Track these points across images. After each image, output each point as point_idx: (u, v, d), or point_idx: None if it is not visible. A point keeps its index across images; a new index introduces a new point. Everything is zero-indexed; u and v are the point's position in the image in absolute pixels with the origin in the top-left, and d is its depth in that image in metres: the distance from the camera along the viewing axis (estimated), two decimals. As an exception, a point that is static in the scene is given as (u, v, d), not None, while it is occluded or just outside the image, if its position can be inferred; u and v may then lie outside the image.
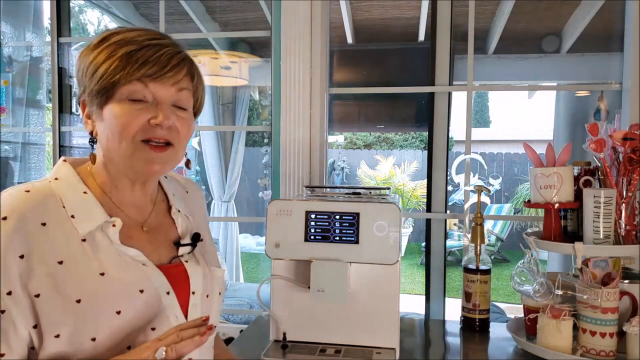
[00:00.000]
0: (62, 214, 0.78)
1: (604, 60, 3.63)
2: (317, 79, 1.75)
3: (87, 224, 0.79)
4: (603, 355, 1.18)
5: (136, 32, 0.82)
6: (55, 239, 0.76)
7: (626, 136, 1.26)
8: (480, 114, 15.41)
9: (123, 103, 0.80)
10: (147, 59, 0.79)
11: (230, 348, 1.38)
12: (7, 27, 2.53)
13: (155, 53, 0.80)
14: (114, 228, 0.80)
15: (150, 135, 0.81)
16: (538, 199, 1.33)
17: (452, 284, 5.10)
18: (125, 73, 0.78)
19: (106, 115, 0.80)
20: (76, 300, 0.74)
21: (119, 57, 0.79)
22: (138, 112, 0.80)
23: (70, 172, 0.84)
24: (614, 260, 1.22)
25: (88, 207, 0.81)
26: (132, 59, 0.79)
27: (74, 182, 0.82)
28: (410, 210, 8.10)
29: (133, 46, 0.79)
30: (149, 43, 0.80)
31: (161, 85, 0.81)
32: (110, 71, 0.78)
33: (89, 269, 0.76)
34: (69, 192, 0.81)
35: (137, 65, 0.79)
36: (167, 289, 0.82)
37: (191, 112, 0.88)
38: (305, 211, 1.22)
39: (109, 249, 0.79)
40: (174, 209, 0.94)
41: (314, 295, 1.21)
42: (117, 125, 0.79)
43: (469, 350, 1.41)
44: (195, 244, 0.92)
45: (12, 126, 2.54)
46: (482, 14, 3.52)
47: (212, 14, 3.76)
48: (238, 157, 5.16)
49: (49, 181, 0.82)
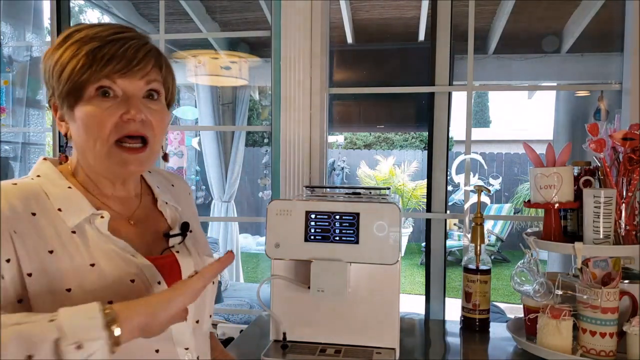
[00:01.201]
0: (49, 207, 0.78)
1: (604, 60, 3.64)
2: (317, 79, 1.75)
3: (75, 216, 0.79)
4: (603, 355, 1.18)
5: (99, 28, 0.81)
6: (44, 229, 0.76)
7: (626, 136, 1.25)
8: (480, 114, 15.41)
9: (93, 101, 0.79)
10: (113, 55, 0.78)
11: (230, 348, 1.38)
12: (7, 27, 2.53)
13: (121, 48, 0.79)
14: (102, 220, 0.80)
15: (124, 132, 0.80)
16: (538, 199, 1.33)
17: (452, 284, 5.10)
18: (92, 71, 0.77)
19: (78, 115, 0.80)
20: (66, 289, 0.74)
21: (84, 55, 0.78)
22: (109, 110, 0.79)
23: (51, 170, 0.84)
24: (614, 260, 1.22)
25: (74, 200, 0.81)
26: (98, 56, 0.78)
27: (57, 179, 0.83)
28: (410, 210, 8.09)
29: (97, 42, 0.78)
30: (112, 38, 0.79)
31: (130, 80, 0.80)
32: (77, 71, 0.77)
33: (79, 260, 0.76)
34: (53, 187, 0.81)
35: (103, 62, 0.78)
36: (158, 279, 0.82)
37: (163, 103, 0.87)
38: (305, 211, 1.22)
39: (98, 240, 0.79)
40: (160, 201, 0.94)
41: (314, 295, 1.21)
42: (89, 125, 0.79)
43: (469, 350, 1.41)
44: (185, 234, 0.92)
45: (12, 126, 2.55)
46: (482, 14, 3.52)
47: (212, 14, 3.76)
48: (238, 157, 5.16)
49: (32, 178, 0.82)
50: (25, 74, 2.59)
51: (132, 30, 0.84)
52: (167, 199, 0.95)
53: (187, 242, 0.92)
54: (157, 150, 0.85)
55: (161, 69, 0.85)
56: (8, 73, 2.52)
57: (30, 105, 2.62)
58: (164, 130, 0.86)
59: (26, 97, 2.60)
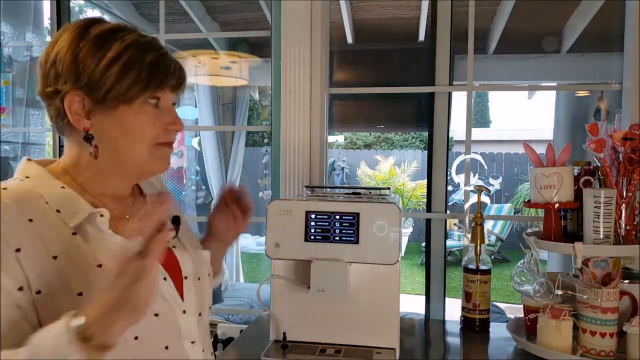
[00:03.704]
0: (46, 209, 0.76)
1: (604, 60, 3.63)
2: (317, 79, 1.75)
3: (75, 216, 0.77)
4: (603, 355, 1.18)
5: (139, 35, 0.82)
6: (44, 235, 0.73)
7: (626, 136, 1.25)
8: (480, 114, 15.41)
9: (144, 108, 0.80)
10: (168, 70, 0.82)
11: (230, 348, 1.38)
12: (7, 27, 2.53)
13: (170, 63, 0.82)
14: (102, 218, 0.79)
15: (166, 140, 0.84)
16: (538, 199, 1.33)
17: (452, 284, 5.09)
18: (156, 84, 0.80)
19: (121, 117, 0.79)
20: (78, 293, 0.73)
21: (148, 65, 0.79)
22: (154, 118, 0.82)
23: (40, 170, 0.81)
24: (614, 260, 1.22)
25: (70, 200, 0.78)
26: (160, 68, 0.80)
27: (48, 179, 0.79)
28: (410, 210, 8.10)
29: (154, 54, 0.80)
30: (164, 52, 0.82)
31: (174, 93, 0.85)
32: (144, 78, 0.78)
33: (85, 262, 0.75)
34: (46, 188, 0.78)
35: (161, 76, 0.81)
36: (164, 275, 0.83)
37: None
38: (305, 211, 1.22)
39: (100, 239, 0.78)
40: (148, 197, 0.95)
41: (314, 295, 1.21)
42: (136, 130, 0.80)
43: (469, 350, 1.41)
44: (178, 227, 0.93)
45: (12, 126, 2.54)
46: (482, 14, 3.52)
47: (212, 14, 3.75)
48: (238, 157, 5.15)
49: (20, 180, 0.78)
50: (25, 74, 2.58)
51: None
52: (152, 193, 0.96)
53: (180, 236, 0.93)
54: None
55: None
56: (8, 73, 2.52)
57: (30, 105, 2.61)
58: None
59: (26, 97, 2.60)
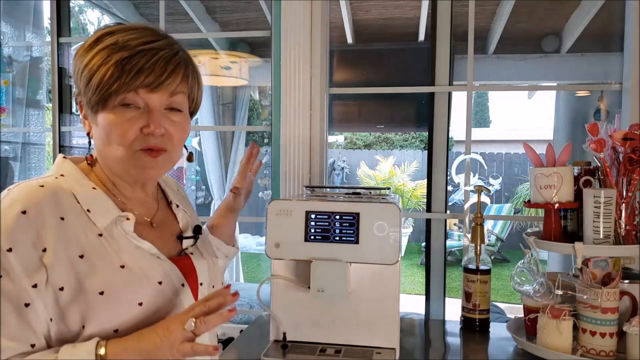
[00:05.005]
0: (77, 208, 0.77)
1: (604, 60, 3.63)
2: (317, 79, 1.75)
3: (104, 217, 0.79)
4: (603, 355, 1.18)
5: (131, 34, 0.79)
6: (74, 233, 0.75)
7: (626, 136, 1.25)
8: (480, 114, 15.42)
9: (115, 111, 0.78)
10: (142, 67, 0.77)
11: (230, 348, 1.38)
12: (7, 27, 2.53)
13: (150, 60, 0.77)
14: (128, 221, 0.81)
15: (145, 145, 0.80)
16: (538, 199, 1.33)
17: (452, 284, 5.10)
18: (120, 84, 0.76)
19: (100, 122, 0.80)
20: (99, 292, 0.74)
21: (113, 64, 0.76)
22: (131, 121, 0.79)
23: (74, 169, 0.83)
24: (614, 260, 1.22)
25: (101, 201, 0.80)
26: (126, 67, 0.76)
27: (81, 179, 0.82)
28: (410, 210, 8.09)
29: (126, 52, 0.77)
30: (143, 48, 0.77)
31: (155, 94, 0.79)
32: (105, 81, 0.76)
33: (109, 262, 0.77)
34: (79, 187, 0.80)
35: (132, 74, 0.76)
36: (182, 281, 0.84)
37: (186, 113, 0.86)
38: (305, 211, 1.22)
39: (125, 242, 0.80)
40: (174, 204, 0.95)
41: (314, 295, 1.21)
42: (110, 134, 0.79)
43: (469, 350, 1.41)
44: (197, 237, 0.94)
45: (12, 126, 2.54)
46: (482, 14, 3.52)
47: (212, 14, 3.75)
48: (238, 157, 5.15)
49: (56, 177, 0.80)
50: (25, 74, 2.58)
51: (164, 37, 0.82)
52: (178, 202, 0.97)
53: (198, 244, 0.94)
54: (176, 157, 0.86)
55: (188, 80, 0.84)
56: (8, 73, 2.52)
57: (30, 105, 2.61)
58: (184, 140, 0.87)
59: (26, 97, 2.59)
